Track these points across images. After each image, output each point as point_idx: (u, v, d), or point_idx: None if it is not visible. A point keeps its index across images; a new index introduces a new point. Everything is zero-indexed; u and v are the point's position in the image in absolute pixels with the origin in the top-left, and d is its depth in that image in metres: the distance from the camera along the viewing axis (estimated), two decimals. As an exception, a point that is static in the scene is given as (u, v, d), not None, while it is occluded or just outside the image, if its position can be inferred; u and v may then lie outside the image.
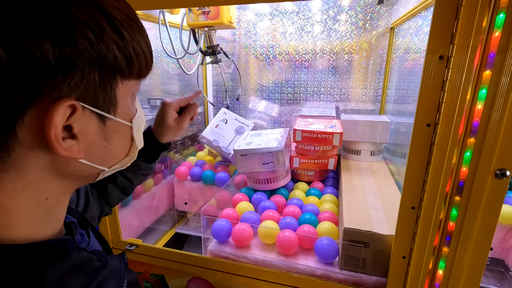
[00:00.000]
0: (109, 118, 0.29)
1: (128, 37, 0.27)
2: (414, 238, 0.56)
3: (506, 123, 0.46)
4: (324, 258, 0.71)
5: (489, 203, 0.50)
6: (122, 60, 0.27)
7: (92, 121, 0.27)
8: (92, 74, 0.25)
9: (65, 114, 0.24)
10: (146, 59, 0.30)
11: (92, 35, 0.24)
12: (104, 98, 0.27)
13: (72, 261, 0.27)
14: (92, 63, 0.25)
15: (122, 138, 0.32)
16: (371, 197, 0.82)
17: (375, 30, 1.20)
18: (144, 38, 0.30)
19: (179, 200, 1.29)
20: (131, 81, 0.30)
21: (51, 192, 0.28)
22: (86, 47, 0.24)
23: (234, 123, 1.28)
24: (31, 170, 0.26)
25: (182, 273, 0.81)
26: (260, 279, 0.73)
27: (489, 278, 0.86)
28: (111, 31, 0.26)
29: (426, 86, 0.48)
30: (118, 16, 0.26)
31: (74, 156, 0.26)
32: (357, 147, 1.12)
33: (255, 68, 1.40)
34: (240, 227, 0.77)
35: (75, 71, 0.24)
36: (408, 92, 0.93)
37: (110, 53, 0.26)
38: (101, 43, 0.25)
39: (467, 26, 0.44)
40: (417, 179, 0.53)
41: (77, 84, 0.24)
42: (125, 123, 0.31)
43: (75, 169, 0.28)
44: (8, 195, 0.26)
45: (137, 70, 0.29)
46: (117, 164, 0.33)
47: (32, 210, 0.27)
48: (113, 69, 0.27)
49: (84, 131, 0.27)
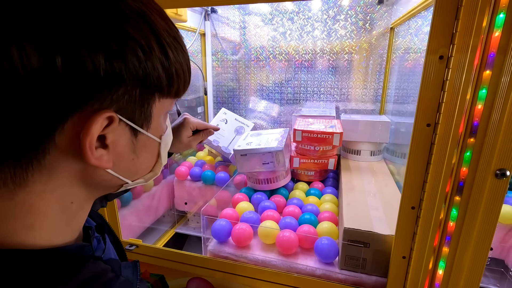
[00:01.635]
0: (141, 132, 0.29)
1: (173, 58, 0.28)
2: (414, 238, 0.56)
3: (506, 123, 0.46)
4: (324, 258, 0.71)
5: (489, 203, 0.50)
6: (164, 80, 0.28)
7: (125, 134, 0.28)
8: (134, 90, 0.26)
9: (102, 125, 0.25)
10: (185, 79, 0.31)
11: (142, 54, 0.25)
12: (140, 113, 0.28)
13: (87, 272, 0.27)
14: (137, 80, 0.25)
15: (149, 153, 0.33)
16: (371, 197, 0.82)
17: (375, 30, 1.20)
18: (186, 60, 0.31)
19: (179, 200, 1.29)
20: (168, 100, 0.31)
21: (77, 197, 0.29)
22: (134, 64, 0.25)
23: (234, 123, 1.28)
24: (62, 174, 0.26)
25: (182, 273, 0.81)
26: (260, 279, 0.73)
27: (489, 278, 0.86)
28: (159, 52, 0.27)
29: (426, 86, 0.48)
30: (168, 39, 0.28)
31: (103, 165, 0.27)
32: (357, 147, 1.12)
33: (255, 68, 1.41)
34: (240, 227, 0.77)
35: (120, 86, 0.25)
36: (408, 92, 0.93)
37: (155, 72, 0.27)
38: (148, 62, 0.26)
39: (467, 26, 0.44)
40: (417, 179, 0.53)
41: (119, 98, 0.25)
42: (155, 139, 0.32)
43: (102, 178, 0.29)
44: (38, 196, 0.26)
45: (175, 89, 0.30)
46: (140, 179, 0.34)
47: (58, 213, 0.28)
48: (155, 87, 0.28)
49: (116, 142, 0.27)
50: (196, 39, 1.36)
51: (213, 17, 1.39)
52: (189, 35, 1.35)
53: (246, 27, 1.35)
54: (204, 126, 0.68)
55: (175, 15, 0.95)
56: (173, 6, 0.71)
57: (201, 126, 0.68)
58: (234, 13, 1.35)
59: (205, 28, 1.39)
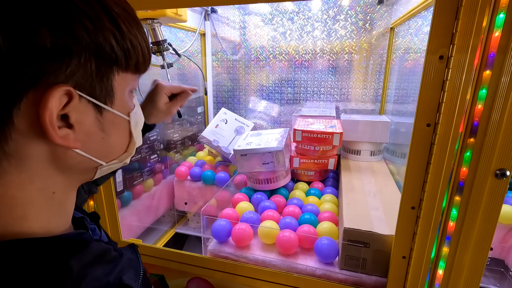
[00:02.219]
0: (106, 109, 0.29)
1: (125, 30, 0.28)
2: (414, 238, 0.56)
3: (506, 123, 0.46)
4: (324, 258, 0.71)
5: (489, 203, 0.50)
6: (119, 51, 0.27)
7: (89, 111, 0.27)
8: (88, 62, 0.25)
9: (61, 101, 0.25)
10: (143, 53, 0.31)
11: (89, 24, 0.25)
12: (101, 88, 0.27)
13: (93, 252, 0.28)
14: (89, 51, 0.25)
15: (120, 132, 0.32)
16: (371, 197, 0.82)
17: (375, 30, 1.20)
18: (141, 34, 0.30)
19: (179, 200, 1.29)
20: (128, 75, 0.30)
21: (57, 186, 0.29)
22: (83, 35, 0.24)
23: (234, 123, 1.28)
24: (32, 161, 0.26)
25: (182, 273, 0.81)
26: (260, 279, 0.73)
27: (489, 278, 0.86)
28: (109, 22, 0.26)
29: (426, 86, 0.48)
30: (116, 9, 0.27)
31: (70, 145, 0.27)
32: (357, 147, 1.12)
33: (255, 68, 1.41)
34: (240, 227, 0.77)
35: (71, 58, 0.24)
36: (408, 92, 0.93)
37: (107, 43, 0.26)
38: (98, 33, 0.25)
39: (467, 26, 0.44)
40: (417, 179, 0.53)
41: (74, 71, 0.25)
42: (122, 116, 0.31)
43: (74, 161, 0.29)
44: (16, 187, 0.26)
45: (134, 63, 0.30)
46: (115, 160, 0.33)
47: (44, 202, 0.28)
48: (110, 59, 0.27)
49: (81, 121, 0.27)
50: (196, 39, 1.36)
51: (213, 17, 1.39)
52: (189, 35, 1.35)
53: (246, 27, 1.35)
54: (179, 89, 0.65)
55: (175, 15, 0.94)
56: (173, 6, 0.71)
57: (176, 89, 0.64)
58: (234, 13, 1.35)
59: (205, 28, 1.39)
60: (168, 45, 0.99)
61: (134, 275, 0.30)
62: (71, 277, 0.25)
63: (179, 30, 1.28)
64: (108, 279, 0.27)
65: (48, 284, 0.24)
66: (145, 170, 1.13)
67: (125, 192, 1.04)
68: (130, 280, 0.28)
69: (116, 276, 0.28)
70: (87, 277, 0.26)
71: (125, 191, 1.04)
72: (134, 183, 1.08)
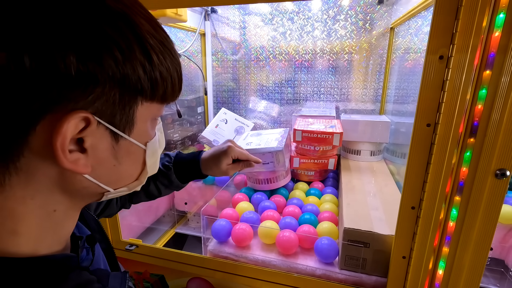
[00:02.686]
0: (123, 137, 0.28)
1: (156, 62, 0.27)
2: (414, 238, 0.56)
3: (506, 123, 0.46)
4: (324, 258, 0.71)
5: (489, 203, 0.50)
6: (146, 82, 0.27)
7: (105, 137, 0.27)
8: (112, 92, 0.25)
9: (77, 126, 0.24)
10: (173, 84, 0.30)
11: (119, 54, 0.24)
12: (121, 116, 0.27)
13: (70, 283, 0.27)
14: (114, 81, 0.25)
15: (133, 160, 0.31)
16: (371, 197, 0.82)
17: (375, 30, 1.20)
18: (175, 65, 0.30)
19: (179, 200, 1.29)
20: (154, 104, 0.30)
21: (59, 205, 0.28)
22: (110, 65, 0.24)
23: (234, 123, 1.28)
24: (40, 178, 0.26)
25: (182, 273, 0.81)
26: (260, 279, 0.73)
27: (489, 278, 0.86)
28: (140, 53, 0.26)
29: (426, 86, 0.48)
30: (151, 41, 0.27)
31: (79, 170, 0.26)
32: (357, 147, 1.12)
33: (255, 68, 1.41)
34: (240, 227, 0.77)
35: (95, 86, 0.24)
36: (408, 92, 0.93)
37: (135, 74, 0.26)
38: (127, 63, 0.25)
39: (467, 26, 0.44)
40: (417, 179, 0.53)
41: (95, 99, 0.24)
42: (139, 145, 0.31)
43: (81, 185, 0.28)
44: (18, 201, 0.26)
45: (161, 93, 0.29)
46: (124, 187, 0.32)
47: (41, 220, 0.27)
48: (136, 90, 0.27)
49: (95, 146, 0.26)
50: (196, 39, 1.36)
51: (213, 17, 1.39)
52: (189, 35, 1.35)
53: (246, 27, 1.35)
54: (245, 157, 0.69)
55: (175, 15, 0.94)
56: (173, 6, 0.71)
57: (243, 156, 0.69)
58: (234, 13, 1.35)
59: (205, 28, 1.39)
60: None
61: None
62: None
63: (179, 30, 1.29)
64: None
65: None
66: (145, 170, 1.13)
67: (125, 192, 1.04)
68: None
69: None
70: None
71: (125, 191, 1.04)
72: (134, 183, 1.08)
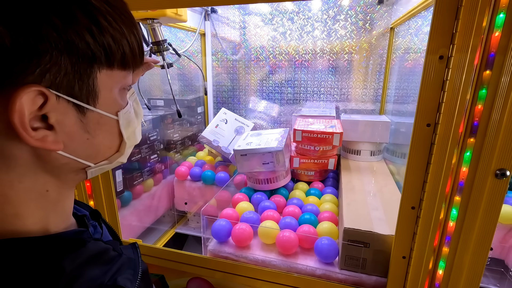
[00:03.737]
0: (89, 109, 0.28)
1: (105, 24, 0.26)
2: (414, 238, 0.56)
3: (506, 123, 0.46)
4: (324, 258, 0.71)
5: (489, 203, 0.50)
6: (98, 48, 0.26)
7: (70, 111, 0.26)
8: (61, 61, 0.24)
9: (35, 102, 0.24)
10: (131, 48, 0.29)
11: (57, 20, 0.23)
12: (81, 87, 0.26)
13: (89, 251, 0.28)
14: (59, 50, 0.24)
15: (107, 132, 0.31)
16: (371, 197, 0.82)
17: (375, 30, 1.20)
18: (130, 27, 0.29)
19: (179, 200, 1.29)
20: (115, 72, 0.29)
21: (49, 185, 0.29)
22: (49, 33, 0.23)
23: (234, 123, 1.28)
24: (18, 161, 0.26)
25: (182, 273, 0.81)
26: (260, 279, 0.73)
27: (489, 278, 0.86)
28: (83, 17, 0.25)
29: (426, 86, 0.48)
30: (95, 2, 0.26)
31: (48, 147, 0.26)
32: (357, 147, 1.12)
33: (255, 68, 1.41)
34: (240, 227, 0.77)
35: (40, 57, 0.23)
36: (408, 92, 0.93)
37: (81, 40, 0.25)
38: (69, 29, 0.24)
39: (467, 26, 0.44)
40: (417, 179, 0.53)
41: (44, 71, 0.24)
42: (108, 115, 0.30)
43: (59, 162, 0.28)
44: (7, 185, 0.26)
45: (119, 59, 0.28)
46: (104, 161, 0.32)
47: (37, 201, 0.28)
48: (87, 57, 0.26)
49: (61, 121, 0.26)
50: (196, 39, 1.36)
51: (213, 17, 1.39)
52: (189, 35, 1.35)
53: (246, 27, 1.35)
54: None
55: (175, 15, 0.94)
56: (173, 6, 0.71)
57: None
58: (234, 13, 1.35)
59: (205, 28, 1.39)
60: (168, 45, 0.99)
61: (132, 276, 0.29)
62: (63, 277, 0.25)
63: (179, 30, 1.29)
64: (103, 280, 0.27)
65: (39, 284, 0.24)
66: (145, 170, 1.13)
67: (125, 192, 1.04)
68: (126, 281, 0.28)
69: (112, 277, 0.27)
70: (81, 277, 0.25)
71: (125, 191, 1.04)
72: (134, 183, 1.08)
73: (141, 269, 0.31)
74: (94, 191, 0.81)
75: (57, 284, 0.24)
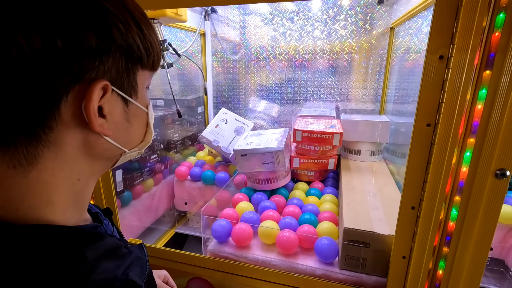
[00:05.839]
0: (131, 102, 0.33)
1: (146, 32, 0.32)
2: (414, 238, 0.56)
3: (506, 123, 0.46)
4: (324, 258, 0.71)
5: (489, 203, 0.50)
6: (143, 51, 0.32)
7: (118, 103, 0.31)
8: (120, 60, 0.29)
9: (99, 94, 0.28)
10: (158, 52, 0.35)
11: (122, 27, 0.29)
12: (128, 83, 0.31)
13: (106, 245, 0.30)
14: (121, 50, 0.29)
15: (140, 123, 0.36)
16: (371, 197, 0.82)
17: (375, 30, 1.20)
18: (156, 36, 0.34)
19: (179, 200, 1.29)
20: (146, 72, 0.34)
21: (82, 173, 0.32)
22: (118, 36, 0.28)
23: (234, 123, 1.28)
24: (67, 148, 0.29)
25: (182, 273, 0.81)
26: (260, 279, 0.73)
27: (489, 278, 0.86)
28: (134, 25, 0.30)
29: (426, 86, 0.48)
30: (138, 14, 0.31)
31: (105, 132, 0.30)
32: (357, 147, 1.12)
33: (255, 68, 1.41)
34: (240, 227, 0.77)
35: (109, 56, 0.28)
36: (408, 92, 0.93)
37: (135, 43, 0.30)
38: (129, 34, 0.30)
39: (467, 26, 0.44)
40: (417, 179, 0.53)
41: (109, 68, 0.29)
42: (143, 108, 0.35)
43: (103, 148, 0.32)
44: (49, 173, 0.29)
45: (152, 61, 0.34)
46: (135, 147, 0.37)
47: (67, 189, 0.31)
48: (137, 57, 0.31)
49: (111, 112, 0.31)
50: (196, 39, 1.36)
51: (213, 17, 1.39)
52: (189, 35, 1.35)
53: (246, 27, 1.35)
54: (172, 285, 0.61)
55: (175, 15, 0.94)
56: (173, 6, 0.71)
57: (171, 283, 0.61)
58: (234, 13, 1.35)
59: (205, 28, 1.39)
60: (168, 45, 0.99)
61: (140, 273, 0.31)
62: (84, 266, 0.27)
63: (179, 30, 1.29)
64: (116, 273, 0.29)
65: (63, 270, 0.26)
66: (145, 170, 1.13)
67: (125, 192, 1.04)
68: (136, 277, 0.30)
69: (124, 272, 0.30)
70: (99, 268, 0.28)
71: (125, 191, 1.04)
72: (134, 183, 1.08)
73: (148, 268, 0.34)
74: (94, 191, 0.81)
75: (78, 271, 0.27)
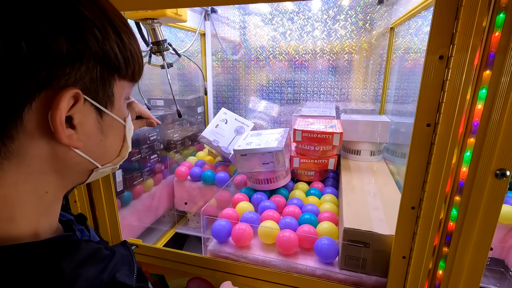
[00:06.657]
0: (106, 113, 0.31)
1: (126, 41, 0.30)
2: (414, 238, 0.56)
3: (506, 123, 0.46)
4: (324, 258, 0.71)
5: (489, 203, 0.50)
6: (121, 60, 0.30)
7: (91, 113, 0.29)
8: (95, 68, 0.27)
9: (69, 103, 0.26)
10: (139, 63, 0.33)
11: (98, 33, 0.27)
12: (103, 93, 0.29)
13: (83, 252, 0.28)
14: (96, 58, 0.27)
15: (116, 135, 0.34)
16: (371, 197, 0.82)
17: (375, 30, 1.20)
18: (137, 45, 0.33)
19: (179, 200, 1.29)
20: (125, 82, 0.32)
21: (51, 186, 0.29)
22: (93, 43, 0.27)
23: (234, 123, 1.28)
24: (32, 160, 0.27)
25: (182, 273, 0.81)
26: (260, 279, 0.73)
27: (489, 278, 0.86)
28: (113, 32, 0.29)
29: (426, 86, 0.48)
30: (117, 22, 0.30)
31: (74, 144, 0.28)
32: (357, 147, 1.12)
33: (255, 68, 1.41)
34: (240, 227, 0.77)
35: (82, 63, 0.26)
36: (408, 92, 0.93)
37: (112, 51, 0.29)
38: (106, 42, 0.28)
39: (467, 26, 0.44)
40: (417, 179, 0.53)
41: (82, 76, 0.27)
42: (120, 120, 0.33)
43: (73, 162, 0.30)
44: (10, 187, 0.26)
45: (131, 71, 0.32)
46: (109, 163, 0.35)
47: (34, 203, 0.28)
48: (114, 67, 0.29)
49: (83, 122, 0.28)
50: (196, 39, 1.36)
51: (213, 17, 1.39)
52: (189, 35, 1.35)
53: (246, 27, 1.35)
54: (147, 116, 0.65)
55: (175, 15, 0.94)
56: (173, 6, 0.71)
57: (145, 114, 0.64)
58: (234, 13, 1.35)
59: (205, 28, 1.39)
60: (168, 45, 0.99)
61: (128, 271, 0.30)
62: (63, 278, 0.25)
63: (179, 30, 1.29)
64: (102, 278, 0.27)
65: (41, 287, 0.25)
66: (145, 170, 1.13)
67: (125, 192, 1.04)
68: (124, 277, 0.28)
69: (109, 274, 0.28)
70: (80, 277, 0.26)
71: (125, 191, 1.04)
72: (134, 183, 1.08)
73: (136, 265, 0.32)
74: (94, 191, 0.81)
75: (57, 286, 0.25)
